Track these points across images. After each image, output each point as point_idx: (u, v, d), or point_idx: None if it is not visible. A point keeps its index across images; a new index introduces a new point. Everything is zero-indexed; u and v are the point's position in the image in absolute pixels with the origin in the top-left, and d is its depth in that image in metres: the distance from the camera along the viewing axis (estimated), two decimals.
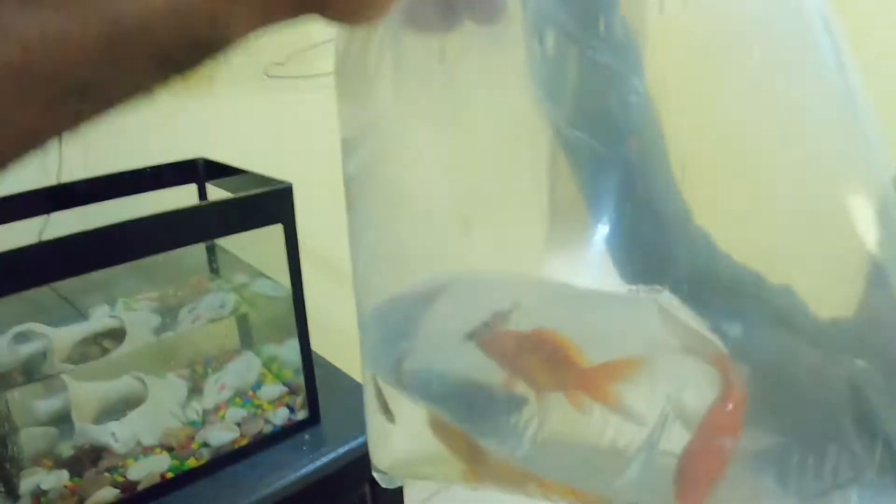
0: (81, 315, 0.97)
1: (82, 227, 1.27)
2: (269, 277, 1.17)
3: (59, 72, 0.21)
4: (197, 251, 1.24)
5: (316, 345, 1.05)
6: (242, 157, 1.22)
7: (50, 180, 1.18)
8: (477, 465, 0.41)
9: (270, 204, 0.92)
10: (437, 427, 0.41)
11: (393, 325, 0.43)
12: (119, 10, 0.21)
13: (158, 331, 0.97)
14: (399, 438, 0.45)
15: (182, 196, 1.22)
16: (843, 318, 0.34)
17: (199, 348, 1.10)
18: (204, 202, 0.87)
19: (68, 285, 1.13)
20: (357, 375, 1.28)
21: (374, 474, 0.47)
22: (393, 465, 0.46)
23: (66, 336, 0.89)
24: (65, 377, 0.90)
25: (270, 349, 1.13)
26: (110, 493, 0.89)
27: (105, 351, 0.92)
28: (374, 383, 0.44)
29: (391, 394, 0.43)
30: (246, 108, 1.47)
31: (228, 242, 1.28)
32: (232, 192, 1.14)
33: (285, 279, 0.99)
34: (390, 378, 0.43)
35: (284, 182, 0.94)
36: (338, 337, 1.24)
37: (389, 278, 0.43)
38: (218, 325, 1.06)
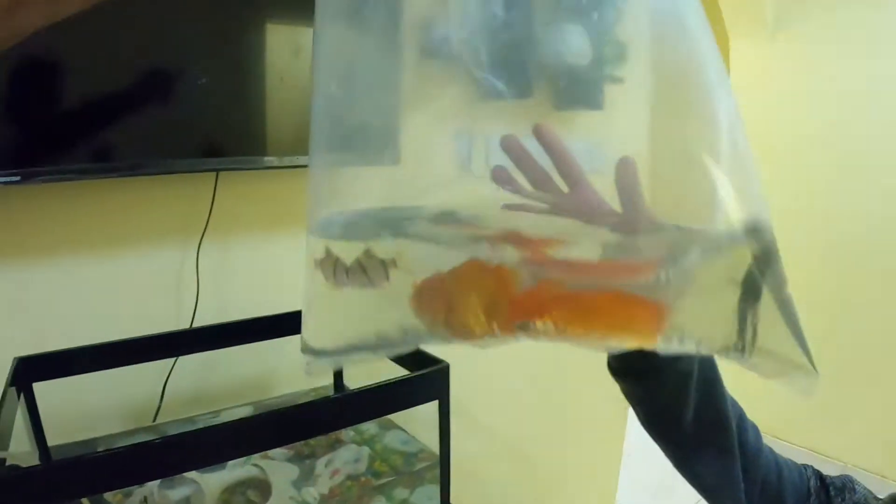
0: None
1: (209, 373, 1.37)
2: (400, 428, 1.22)
3: None
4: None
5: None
6: None
7: (184, 324, 1.29)
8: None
9: (428, 383, 0.97)
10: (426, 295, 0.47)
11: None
12: None
13: (298, 484, 1.01)
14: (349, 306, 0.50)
15: None
16: None
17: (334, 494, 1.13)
18: (359, 389, 0.92)
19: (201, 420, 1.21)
20: None
21: (305, 357, 0.50)
22: (334, 337, 0.51)
23: (213, 483, 0.95)
24: None
25: (402, 494, 1.15)
26: None
27: (249, 501, 0.96)
28: (323, 249, 0.48)
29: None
30: None
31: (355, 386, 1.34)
32: None
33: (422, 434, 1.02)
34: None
35: (441, 361, 0.99)
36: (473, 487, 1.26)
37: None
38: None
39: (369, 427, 1.21)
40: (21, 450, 0.96)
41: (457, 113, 0.48)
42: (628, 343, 0.44)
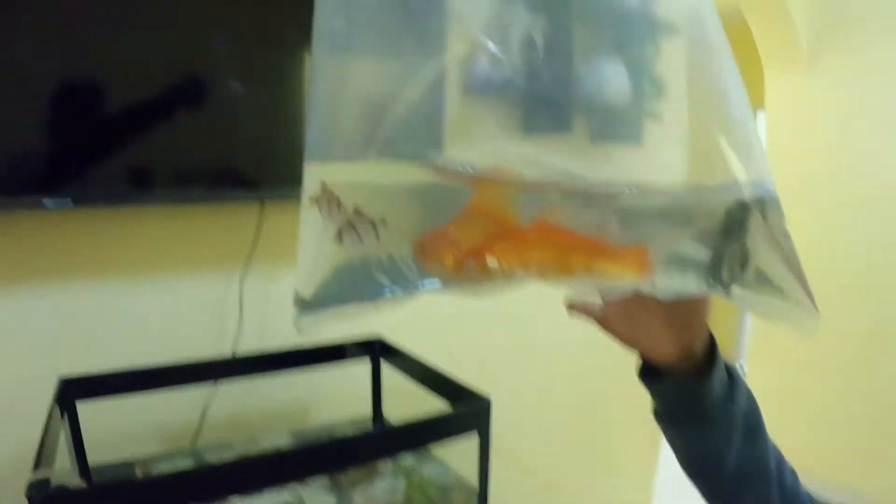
0: None
1: (247, 399, 1.39)
2: (437, 459, 1.22)
3: None
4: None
5: None
6: (416, 334, 1.33)
7: (225, 350, 1.31)
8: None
9: (470, 418, 0.98)
10: (429, 245, 0.49)
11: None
12: None
13: None
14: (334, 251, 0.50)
15: (356, 371, 1.32)
16: None
17: None
18: (402, 425, 0.93)
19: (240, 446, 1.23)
20: None
21: (295, 309, 0.50)
22: (323, 287, 0.50)
23: None
24: None
25: None
26: None
27: None
28: (319, 184, 0.48)
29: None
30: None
31: (391, 416, 1.35)
32: (407, 375, 1.22)
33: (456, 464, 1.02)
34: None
35: (483, 395, 1.00)
36: None
37: None
38: None
39: (406, 457, 1.22)
40: (60, 467, 0.98)
41: (497, 147, 0.49)
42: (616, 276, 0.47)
